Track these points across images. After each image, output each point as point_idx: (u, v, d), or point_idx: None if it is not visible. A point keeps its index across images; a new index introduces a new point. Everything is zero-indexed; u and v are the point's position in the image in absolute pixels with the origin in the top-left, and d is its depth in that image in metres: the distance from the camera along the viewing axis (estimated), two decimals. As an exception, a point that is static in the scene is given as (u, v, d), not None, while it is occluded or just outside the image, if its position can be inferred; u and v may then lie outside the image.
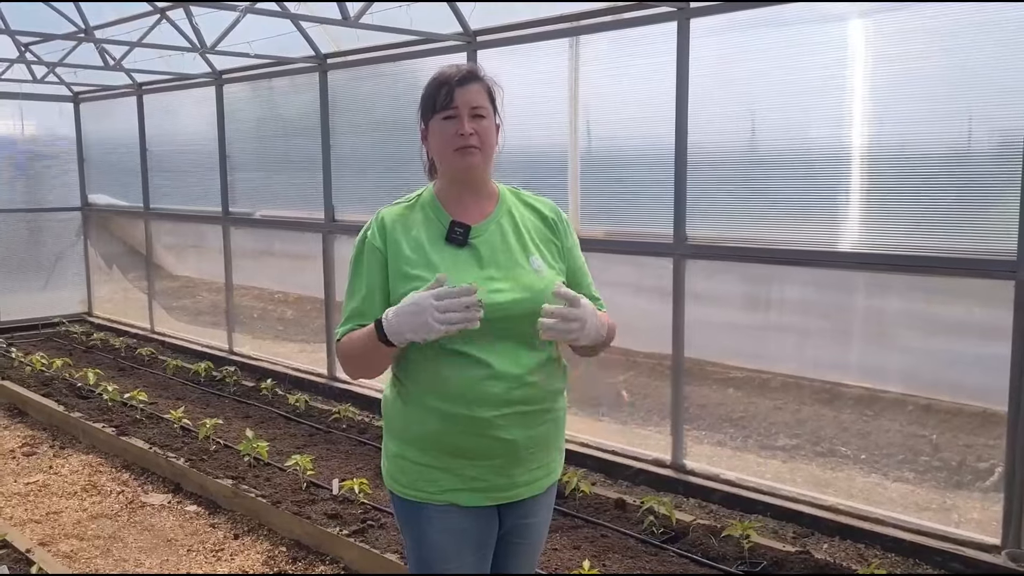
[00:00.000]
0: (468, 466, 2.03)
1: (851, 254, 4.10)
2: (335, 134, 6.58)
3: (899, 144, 3.95)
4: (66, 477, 5.11)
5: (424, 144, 2.12)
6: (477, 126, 2.02)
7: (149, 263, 8.95)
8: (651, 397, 5.03)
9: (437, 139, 2.05)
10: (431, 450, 2.05)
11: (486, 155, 2.05)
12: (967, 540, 3.78)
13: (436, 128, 2.04)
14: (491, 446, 2.01)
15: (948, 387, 4.16)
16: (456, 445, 2.02)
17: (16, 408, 6.44)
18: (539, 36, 5.12)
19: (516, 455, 2.04)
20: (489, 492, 2.06)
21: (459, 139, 2.00)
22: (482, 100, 2.04)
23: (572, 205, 5.13)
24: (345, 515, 4.15)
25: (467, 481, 2.04)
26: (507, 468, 2.05)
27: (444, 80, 2.02)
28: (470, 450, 2.02)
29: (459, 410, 1.99)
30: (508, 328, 2.00)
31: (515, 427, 2.01)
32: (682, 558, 3.78)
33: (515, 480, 2.07)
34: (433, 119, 2.04)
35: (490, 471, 2.04)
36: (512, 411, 2.00)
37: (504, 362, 1.99)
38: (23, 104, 9.26)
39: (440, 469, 2.05)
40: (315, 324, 7.15)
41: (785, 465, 4.53)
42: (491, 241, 2.07)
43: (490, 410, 1.98)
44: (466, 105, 2.01)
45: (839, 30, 4.11)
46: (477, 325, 1.87)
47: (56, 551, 4.08)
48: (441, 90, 2.01)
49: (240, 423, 5.72)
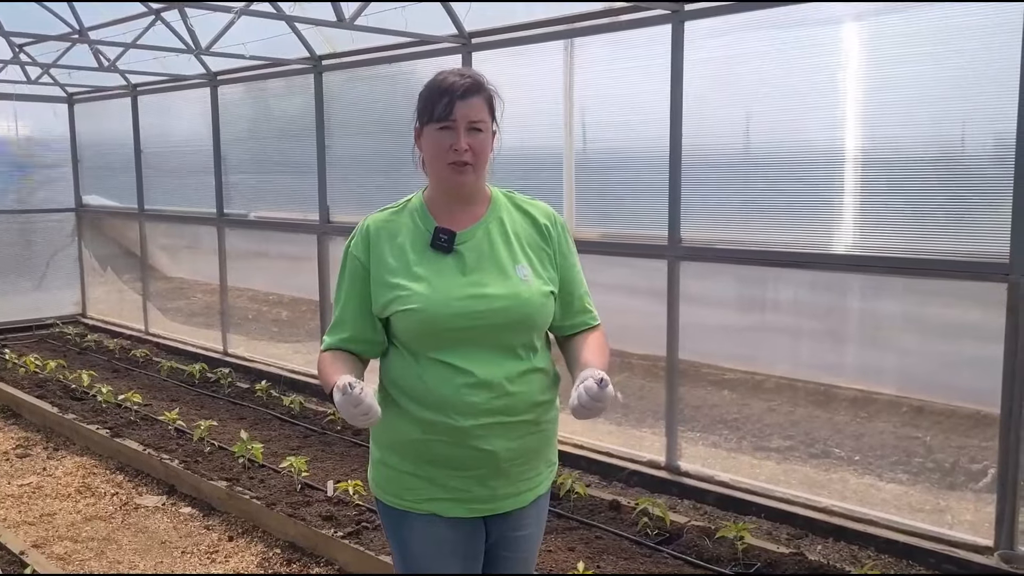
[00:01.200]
0: (450, 476, 2.01)
1: (845, 256, 4.11)
2: (330, 135, 6.58)
3: (892, 147, 3.97)
4: (60, 479, 5.10)
5: (417, 143, 2.07)
6: (473, 141, 1.97)
7: (143, 264, 8.93)
8: (646, 399, 5.04)
9: (431, 147, 2.01)
10: (413, 458, 2.03)
11: (479, 170, 2.02)
12: (960, 541, 3.80)
13: (431, 136, 2.00)
14: (471, 456, 1.98)
15: (941, 389, 4.19)
16: (437, 454, 2.00)
17: (10, 410, 6.43)
18: (534, 38, 5.13)
19: (497, 467, 2.00)
20: (470, 503, 2.03)
21: (453, 154, 1.97)
22: (482, 114, 1.99)
23: (567, 207, 5.14)
24: (340, 517, 4.15)
25: (449, 491, 2.02)
26: (488, 479, 2.01)
27: (446, 89, 1.97)
28: (451, 460, 2.00)
29: (439, 418, 1.96)
30: (491, 336, 1.97)
31: (496, 438, 1.97)
32: (676, 559, 3.79)
33: (496, 492, 2.04)
34: (428, 126, 2.00)
35: (471, 482, 2.01)
36: (493, 421, 1.97)
37: (486, 371, 1.96)
38: (17, 105, 9.24)
39: (421, 478, 2.03)
40: (310, 325, 7.15)
41: (779, 467, 4.54)
42: (477, 247, 2.03)
43: (470, 419, 1.95)
44: (464, 119, 1.96)
45: (832, 33, 4.13)
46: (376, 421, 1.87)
47: (50, 553, 4.08)
48: (442, 100, 1.96)
49: (235, 425, 5.72)
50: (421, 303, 1.95)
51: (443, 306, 1.95)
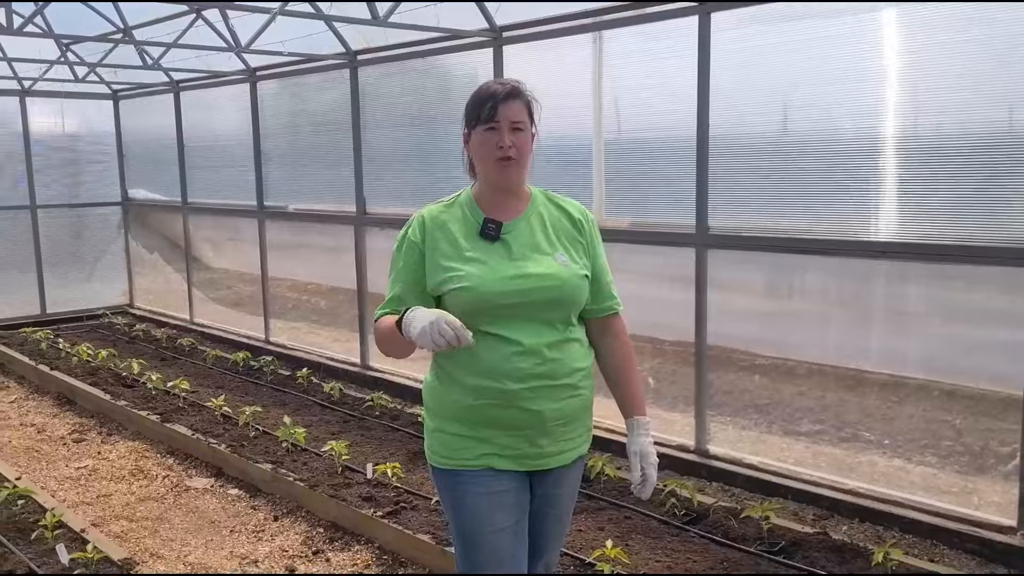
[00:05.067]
0: (501, 435, 2.25)
1: (873, 243, 4.15)
2: (366, 129, 6.74)
3: (918, 135, 4.00)
4: (114, 462, 5.35)
5: (465, 148, 2.34)
6: (516, 139, 2.24)
7: (187, 255, 9.19)
8: (678, 384, 5.12)
9: (479, 148, 2.27)
10: (467, 423, 2.26)
11: (522, 165, 2.28)
12: (984, 522, 3.85)
13: (478, 138, 2.26)
14: (520, 417, 2.22)
15: (972, 373, 4.20)
16: (489, 416, 2.23)
17: (65, 397, 6.72)
18: (563, 31, 5.22)
19: (543, 426, 2.24)
20: (521, 459, 2.27)
21: (499, 151, 2.23)
22: (522, 115, 2.25)
23: (597, 196, 5.23)
24: (379, 498, 4.32)
25: (501, 448, 2.26)
26: (536, 438, 2.25)
27: (490, 95, 2.24)
28: (502, 420, 2.23)
29: (491, 383, 2.20)
30: (534, 313, 2.23)
31: (541, 399, 2.22)
32: (703, 539, 3.90)
33: (544, 450, 2.27)
34: (476, 128, 2.26)
35: (521, 440, 2.25)
36: (539, 384, 2.21)
37: (531, 340, 2.21)
38: (64, 102, 9.55)
39: (475, 439, 2.26)
40: (348, 314, 7.33)
41: (808, 450, 4.61)
42: (520, 236, 2.29)
43: (518, 383, 2.20)
44: (507, 120, 2.22)
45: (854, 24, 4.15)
46: (464, 346, 2.06)
47: (108, 531, 4.31)
48: (486, 104, 2.23)
49: (277, 411, 5.93)
50: (474, 282, 2.20)
51: (493, 284, 2.21)
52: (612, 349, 2.43)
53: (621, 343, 2.44)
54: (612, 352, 2.44)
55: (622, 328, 2.45)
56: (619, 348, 2.44)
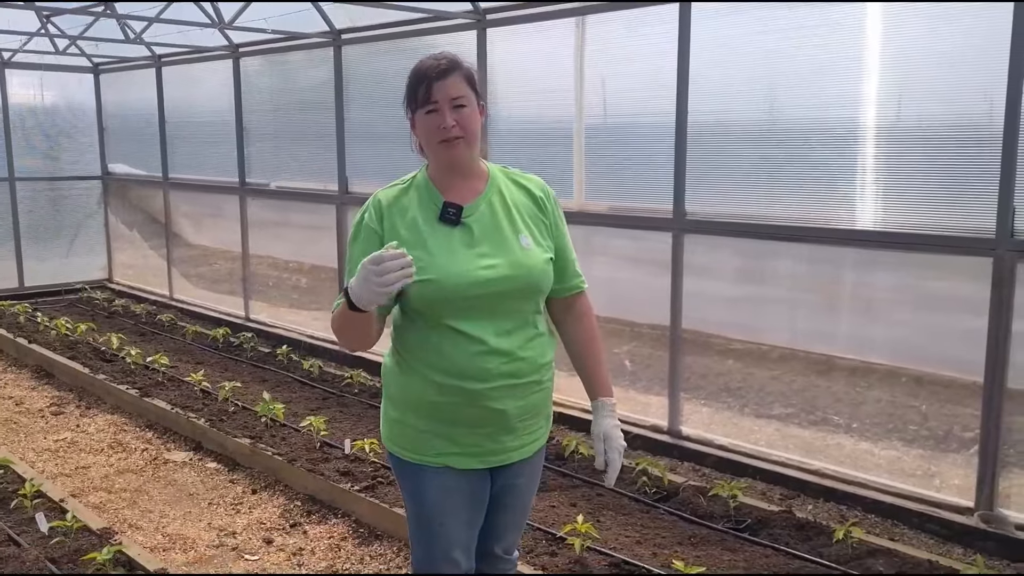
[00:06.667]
0: (464, 433, 2.19)
1: (842, 231, 4.24)
2: (349, 108, 6.75)
3: (884, 124, 4.09)
4: (92, 435, 5.38)
5: (413, 131, 2.23)
6: (458, 116, 2.12)
7: (168, 232, 9.17)
8: (653, 367, 5.21)
9: (423, 131, 2.18)
10: (430, 418, 2.20)
11: (469, 142, 2.16)
12: (944, 503, 3.98)
13: (421, 121, 2.16)
14: (484, 415, 2.17)
15: (938, 360, 4.31)
16: (453, 414, 2.18)
17: (43, 370, 6.72)
18: (547, 15, 5.25)
19: (507, 424, 2.20)
20: (482, 456, 2.22)
21: (442, 132, 2.12)
22: (463, 90, 2.14)
23: (577, 179, 5.29)
24: (356, 472, 4.39)
25: (463, 446, 2.20)
26: (498, 435, 2.21)
27: (423, 75, 2.14)
28: (465, 419, 2.18)
29: (455, 383, 2.13)
30: (500, 304, 2.15)
31: (507, 398, 2.16)
32: (672, 515, 4.00)
33: (505, 446, 2.23)
34: (417, 112, 2.16)
35: (483, 438, 2.20)
36: (504, 383, 2.15)
37: (497, 339, 2.14)
38: (44, 75, 9.46)
39: (437, 435, 2.20)
40: (329, 293, 7.35)
41: (778, 432, 4.71)
42: (482, 220, 2.18)
43: (483, 383, 2.13)
44: (446, 98, 2.11)
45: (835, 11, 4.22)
46: (412, 280, 1.96)
47: (87, 502, 4.35)
48: (421, 85, 2.13)
49: (257, 386, 5.97)
50: (436, 274, 2.09)
51: (455, 276, 2.10)
52: (577, 329, 2.38)
53: (586, 323, 2.38)
54: (577, 332, 2.38)
55: (588, 307, 2.39)
56: (584, 328, 2.38)
